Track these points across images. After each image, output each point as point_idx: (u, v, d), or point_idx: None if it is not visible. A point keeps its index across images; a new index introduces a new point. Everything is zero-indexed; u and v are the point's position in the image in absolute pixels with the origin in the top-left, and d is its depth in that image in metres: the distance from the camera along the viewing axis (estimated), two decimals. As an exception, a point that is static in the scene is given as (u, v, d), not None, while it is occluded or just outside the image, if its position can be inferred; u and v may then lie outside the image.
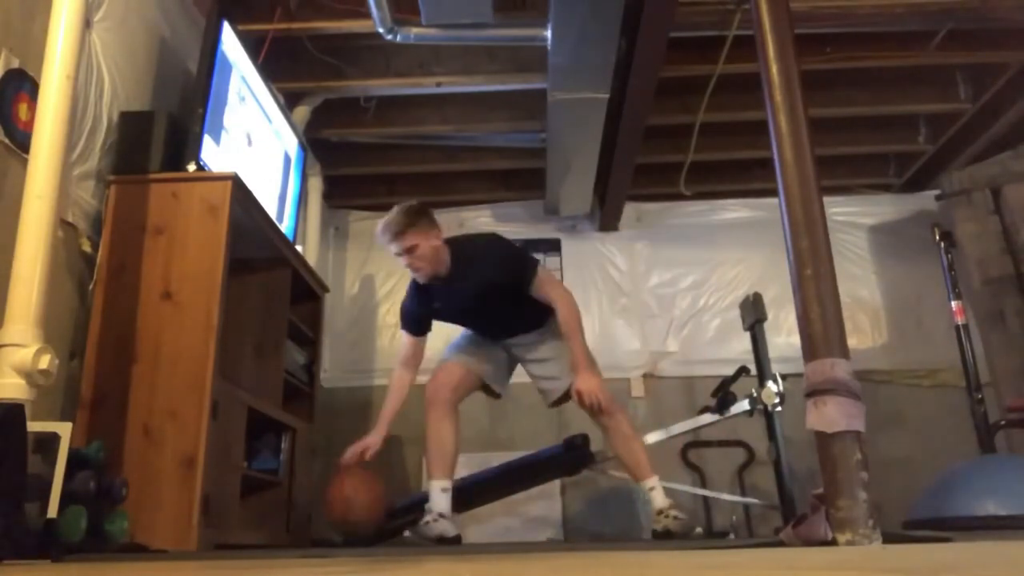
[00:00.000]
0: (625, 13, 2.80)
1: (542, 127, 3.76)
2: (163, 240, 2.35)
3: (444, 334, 4.42)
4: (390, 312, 4.51)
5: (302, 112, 3.64)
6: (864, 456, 1.45)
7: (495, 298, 2.68)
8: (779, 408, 3.23)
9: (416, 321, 2.79)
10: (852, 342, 1.59)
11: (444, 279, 2.66)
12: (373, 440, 2.66)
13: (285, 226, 3.28)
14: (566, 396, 2.78)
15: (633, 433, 2.74)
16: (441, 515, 2.54)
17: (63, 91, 1.88)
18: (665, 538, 2.50)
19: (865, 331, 4.42)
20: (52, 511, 1.55)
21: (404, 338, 2.82)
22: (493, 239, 2.81)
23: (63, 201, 2.01)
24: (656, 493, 2.63)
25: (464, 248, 2.69)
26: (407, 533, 2.56)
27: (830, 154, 4.35)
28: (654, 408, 4.26)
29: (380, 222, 2.61)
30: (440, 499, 2.59)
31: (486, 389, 2.86)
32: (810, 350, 1.55)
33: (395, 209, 2.61)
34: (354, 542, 2.63)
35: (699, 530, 2.67)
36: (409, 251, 2.56)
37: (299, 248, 3.49)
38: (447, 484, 2.62)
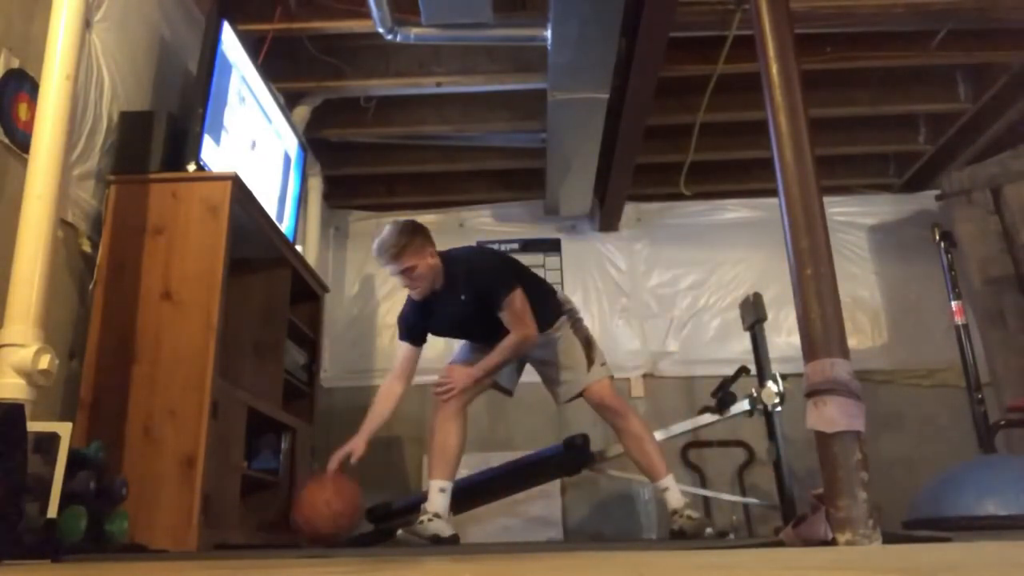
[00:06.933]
0: (625, 13, 2.80)
1: (542, 127, 3.76)
2: (163, 240, 2.35)
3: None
4: (390, 312, 4.51)
5: (302, 112, 3.64)
6: (864, 456, 1.45)
7: (488, 309, 2.60)
8: (779, 408, 3.23)
9: (414, 332, 2.75)
10: (852, 342, 1.59)
11: (438, 293, 2.64)
12: (357, 445, 2.59)
13: (285, 226, 3.28)
14: (577, 394, 2.77)
15: (645, 433, 2.73)
16: (437, 515, 2.54)
17: (63, 91, 1.88)
18: (679, 538, 2.50)
19: (865, 331, 4.42)
20: (52, 511, 1.55)
21: (401, 349, 2.76)
22: (476, 252, 2.75)
23: (63, 201, 2.01)
24: (670, 494, 2.62)
25: (454, 262, 2.65)
26: (399, 532, 2.54)
27: (830, 154, 4.36)
28: (654, 408, 4.25)
29: (375, 241, 2.56)
30: (438, 499, 2.58)
31: (497, 386, 2.84)
32: (810, 350, 1.55)
33: (388, 229, 2.55)
34: (342, 543, 2.60)
35: (710, 530, 2.66)
36: (405, 272, 2.54)
37: (299, 248, 3.49)
38: (446, 485, 2.61)
